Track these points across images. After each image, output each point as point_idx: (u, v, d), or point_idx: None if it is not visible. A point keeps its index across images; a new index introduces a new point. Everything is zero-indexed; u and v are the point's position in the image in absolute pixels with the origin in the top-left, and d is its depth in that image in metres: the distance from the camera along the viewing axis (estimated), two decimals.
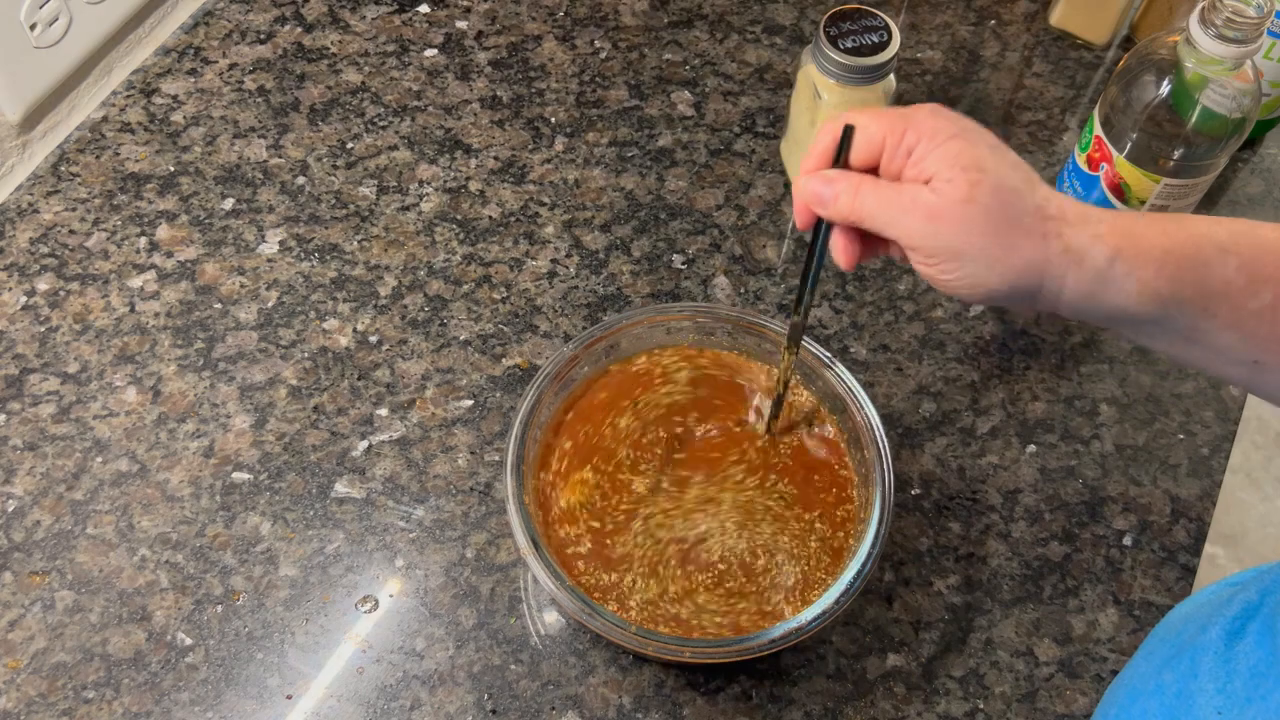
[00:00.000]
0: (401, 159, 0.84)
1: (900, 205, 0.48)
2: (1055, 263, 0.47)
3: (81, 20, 0.80)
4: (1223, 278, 0.48)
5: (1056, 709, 0.64)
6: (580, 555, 0.61)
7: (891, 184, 0.49)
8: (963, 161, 0.47)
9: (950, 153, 0.47)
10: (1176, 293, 0.48)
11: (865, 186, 0.49)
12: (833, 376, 0.65)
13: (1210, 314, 0.48)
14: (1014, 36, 0.94)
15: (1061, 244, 0.47)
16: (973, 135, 0.48)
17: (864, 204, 0.49)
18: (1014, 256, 0.47)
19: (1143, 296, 0.48)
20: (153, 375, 0.73)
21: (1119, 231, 0.48)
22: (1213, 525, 0.72)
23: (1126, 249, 0.48)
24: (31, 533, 0.67)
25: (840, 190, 0.50)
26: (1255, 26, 0.63)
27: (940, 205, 0.47)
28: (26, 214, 0.79)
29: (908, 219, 0.48)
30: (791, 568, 0.61)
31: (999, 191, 0.47)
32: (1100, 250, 0.47)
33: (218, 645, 0.64)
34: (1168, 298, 0.48)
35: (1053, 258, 0.47)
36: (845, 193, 0.50)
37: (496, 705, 0.63)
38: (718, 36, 0.92)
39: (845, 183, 0.50)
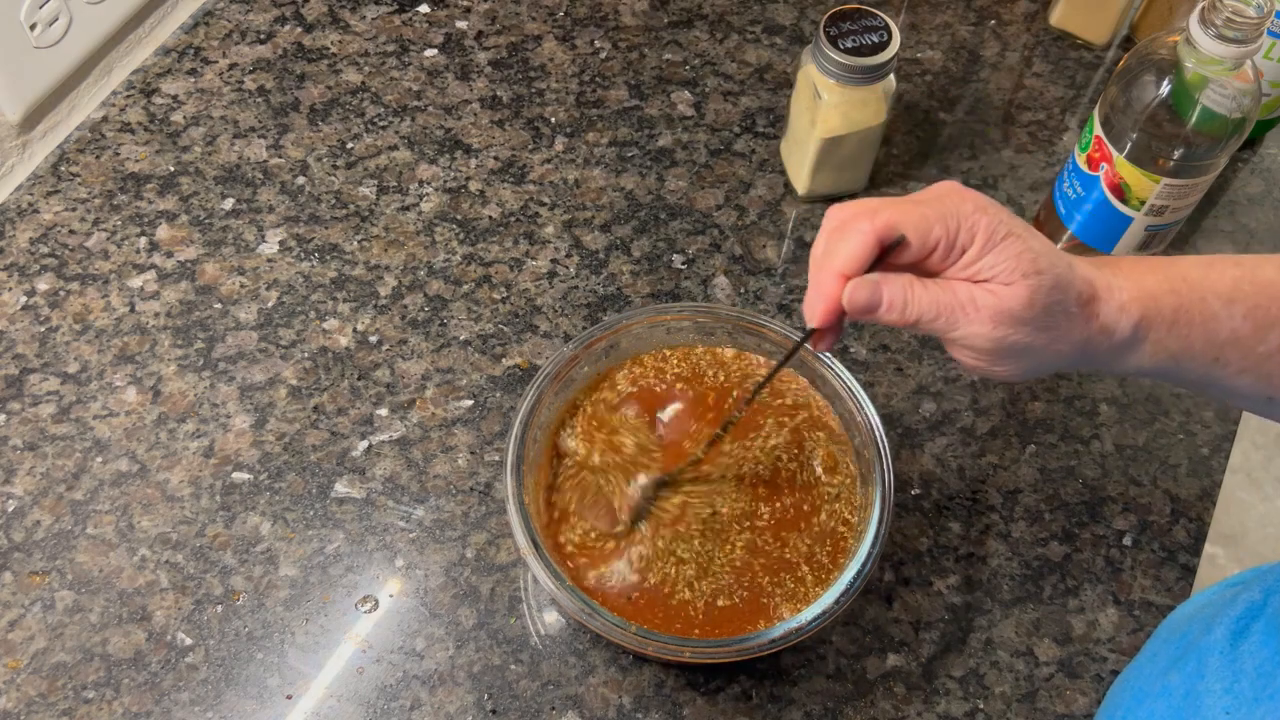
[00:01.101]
0: (401, 159, 0.84)
1: (961, 309, 0.48)
2: (1093, 340, 0.50)
3: (81, 20, 0.80)
4: (1230, 328, 0.50)
5: (1056, 709, 0.64)
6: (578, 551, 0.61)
7: (942, 285, 0.48)
8: (1023, 265, 0.47)
9: (1010, 255, 0.47)
10: (1187, 348, 0.50)
11: (917, 290, 0.48)
12: (832, 376, 0.65)
13: (1222, 363, 0.51)
14: (1014, 36, 0.94)
15: (1098, 324, 0.49)
16: (1019, 228, 0.48)
17: (920, 309, 0.48)
18: (1063, 344, 0.49)
19: (1156, 356, 0.50)
20: (153, 375, 0.73)
21: (1138, 297, 0.50)
22: (1213, 525, 0.72)
23: (1145, 315, 0.50)
24: (31, 533, 0.67)
25: (893, 296, 0.48)
26: (1255, 26, 0.63)
27: (1004, 309, 0.47)
28: (26, 214, 0.79)
29: (971, 324, 0.48)
30: (791, 567, 0.61)
31: (1054, 290, 0.48)
32: (1125, 322, 0.50)
33: (218, 645, 0.64)
34: (1179, 353, 0.50)
35: (1092, 336, 0.50)
36: (897, 298, 0.48)
37: (496, 705, 0.63)
38: (718, 36, 0.92)
39: (894, 288, 0.48)
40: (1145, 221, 0.74)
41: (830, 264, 0.48)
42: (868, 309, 0.48)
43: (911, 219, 0.47)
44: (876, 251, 0.48)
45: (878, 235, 0.47)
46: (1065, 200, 0.78)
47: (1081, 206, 0.76)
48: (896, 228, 0.47)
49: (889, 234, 0.47)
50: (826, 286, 0.48)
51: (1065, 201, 0.78)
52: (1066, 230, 0.79)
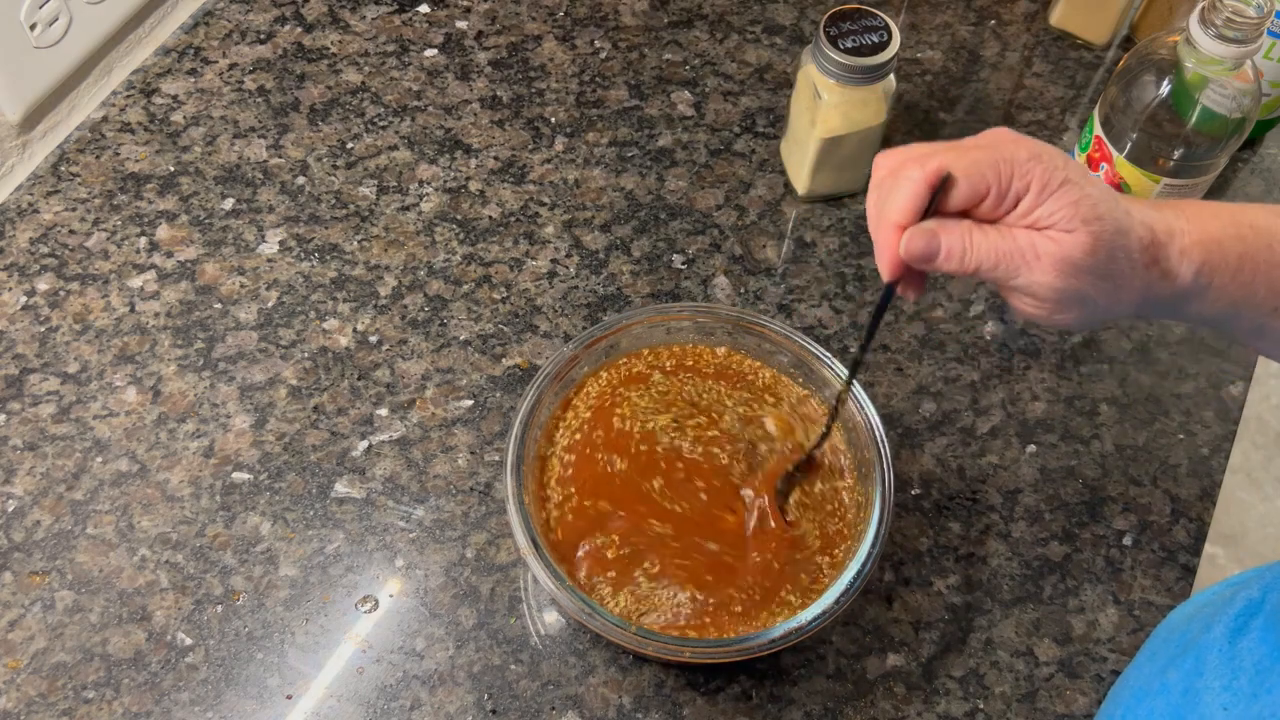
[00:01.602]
0: (401, 159, 0.84)
1: (1022, 257, 0.47)
2: (1154, 287, 0.48)
3: (81, 20, 0.80)
4: None
5: (1056, 709, 0.64)
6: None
7: (1001, 231, 0.47)
8: (1083, 212, 0.46)
9: (1068, 201, 0.46)
10: (1249, 296, 0.49)
11: (976, 237, 0.47)
12: (832, 376, 0.65)
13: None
14: (1014, 36, 0.94)
15: (1159, 270, 0.48)
16: (1075, 174, 0.47)
17: (980, 257, 0.47)
18: (1126, 292, 0.48)
19: (1217, 303, 0.49)
20: (153, 375, 0.73)
21: (1200, 241, 0.48)
22: (1213, 525, 0.72)
23: (1208, 260, 0.48)
24: (31, 533, 0.67)
25: (950, 245, 0.47)
26: (1255, 26, 0.63)
27: (1066, 256, 0.46)
28: (26, 214, 0.79)
29: (1033, 272, 0.47)
30: (791, 567, 0.61)
31: (1116, 235, 0.47)
32: (1188, 267, 0.48)
33: (218, 645, 0.64)
34: (1240, 301, 0.49)
35: (1153, 283, 0.48)
36: (955, 246, 0.47)
37: (496, 705, 0.63)
38: (718, 36, 0.92)
39: (953, 236, 0.47)
40: None
41: (885, 218, 0.47)
42: (925, 258, 0.47)
43: (963, 164, 0.46)
44: (928, 197, 0.47)
45: (928, 181, 0.46)
46: None
47: None
48: (946, 170, 0.46)
49: (939, 176, 0.46)
50: (885, 240, 0.47)
51: None
52: None
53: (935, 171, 0.46)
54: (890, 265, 0.48)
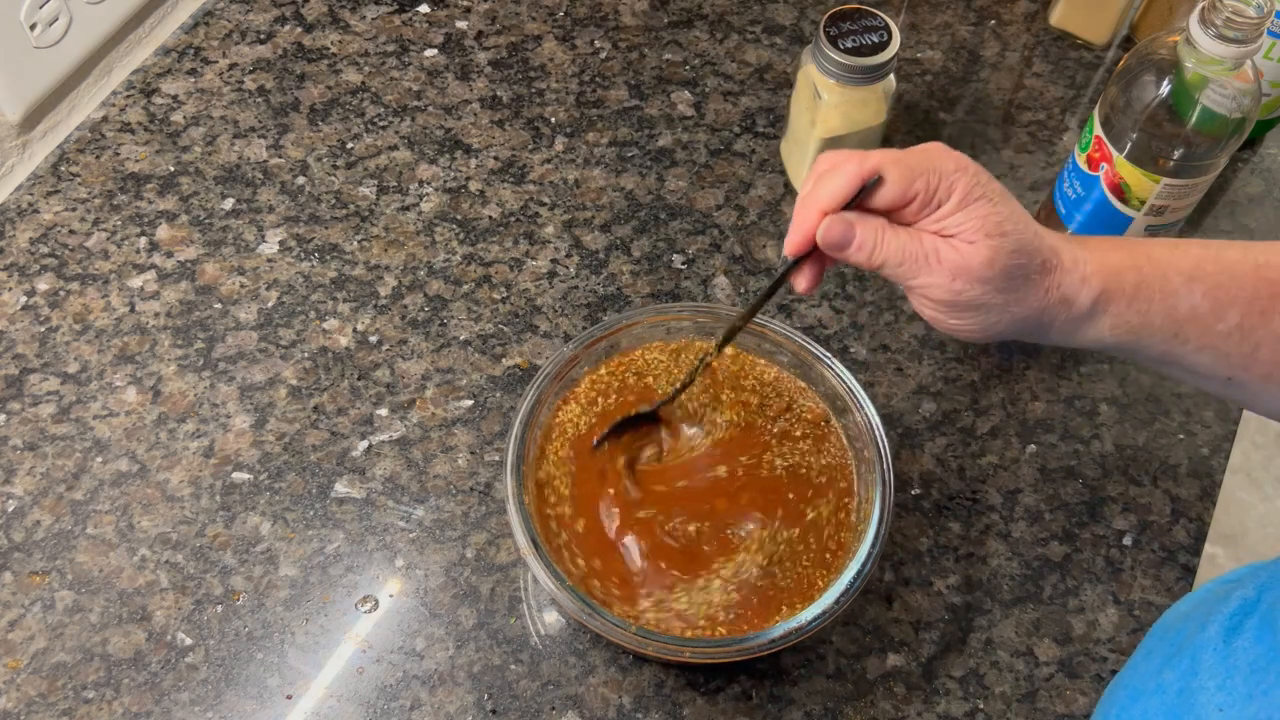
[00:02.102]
0: (401, 159, 0.84)
1: (924, 259, 0.50)
2: (1051, 309, 0.52)
3: (81, 20, 0.80)
4: (1189, 305, 0.52)
5: (1056, 709, 0.64)
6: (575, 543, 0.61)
7: (910, 233, 0.51)
8: (988, 226, 0.50)
9: (977, 215, 0.50)
10: (1146, 324, 0.52)
11: (887, 235, 0.51)
12: (832, 376, 0.65)
13: (1181, 339, 0.53)
14: (1014, 36, 0.94)
15: (1058, 294, 0.52)
16: (994, 193, 0.50)
17: (887, 253, 0.51)
18: (1020, 307, 0.52)
19: (1116, 330, 0.53)
20: (153, 375, 0.73)
21: (1099, 271, 0.52)
22: (1213, 525, 0.72)
23: (1107, 288, 0.52)
24: (31, 533, 0.67)
25: (864, 237, 0.51)
26: (1255, 26, 0.63)
27: (964, 265, 0.50)
28: (26, 214, 0.79)
29: (931, 274, 0.51)
30: (791, 567, 0.61)
31: (1016, 253, 0.50)
32: (1086, 294, 0.52)
33: (218, 645, 0.64)
34: (1139, 328, 0.53)
35: (1050, 305, 0.52)
36: (867, 240, 0.51)
37: (496, 705, 0.63)
38: (718, 36, 0.92)
39: (867, 229, 0.51)
40: (1145, 221, 0.74)
41: (812, 199, 0.51)
42: (839, 245, 0.51)
43: (899, 168, 0.50)
44: (857, 189, 0.50)
45: (861, 175, 0.50)
46: (1065, 200, 0.78)
47: (1081, 206, 0.76)
48: (879, 170, 0.50)
49: (872, 175, 0.50)
50: (804, 219, 0.51)
51: (1065, 201, 0.78)
52: (1067, 230, 0.79)
53: (871, 168, 0.50)
54: (800, 243, 0.52)
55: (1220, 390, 0.55)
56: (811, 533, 0.62)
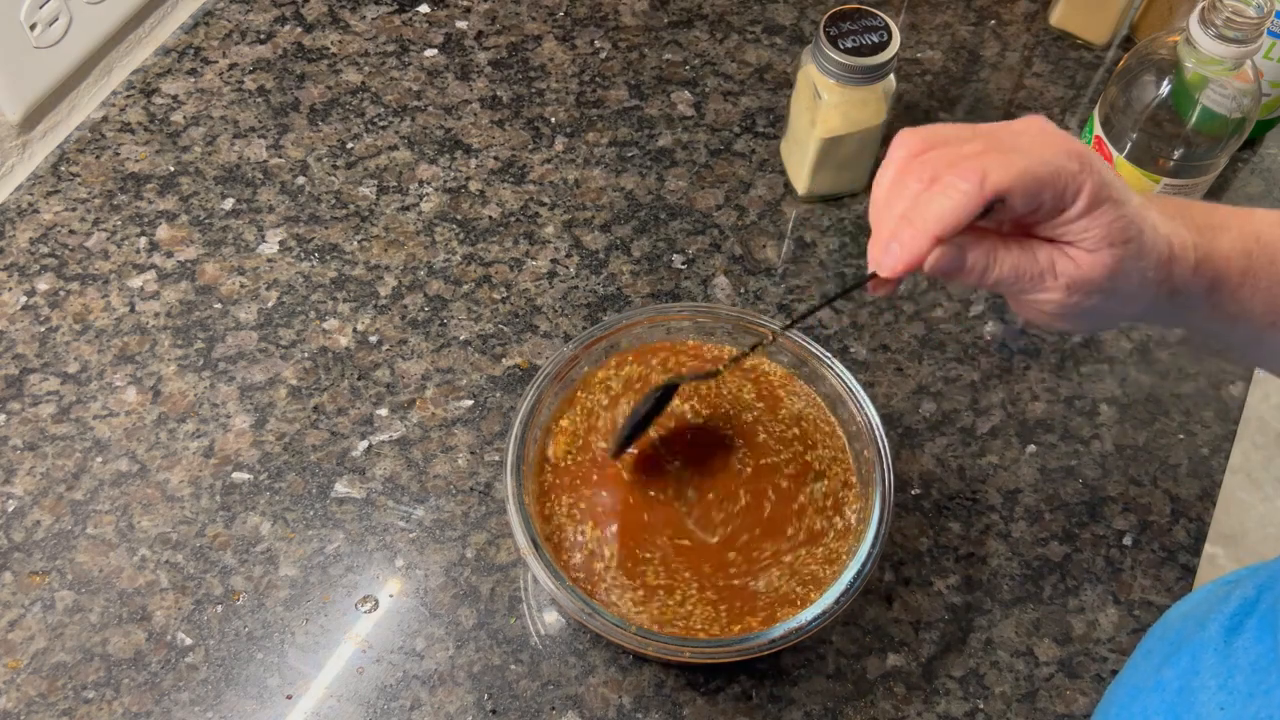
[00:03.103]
0: (401, 159, 0.84)
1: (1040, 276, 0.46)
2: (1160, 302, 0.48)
3: (81, 20, 0.80)
4: None
5: (1056, 709, 0.64)
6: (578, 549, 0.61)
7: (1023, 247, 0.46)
8: (1113, 234, 0.45)
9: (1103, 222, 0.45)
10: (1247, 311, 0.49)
11: (1000, 254, 0.46)
12: (832, 376, 0.65)
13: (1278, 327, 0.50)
14: (1014, 36, 0.94)
15: (1169, 286, 0.48)
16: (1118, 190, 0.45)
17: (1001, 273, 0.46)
18: (1132, 306, 0.48)
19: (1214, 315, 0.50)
20: (153, 375, 0.73)
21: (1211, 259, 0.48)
22: (1213, 525, 0.72)
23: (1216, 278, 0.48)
24: (31, 533, 0.67)
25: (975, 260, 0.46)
26: (1255, 26, 0.63)
27: (1084, 278, 0.46)
28: (26, 214, 0.79)
29: (1046, 291, 0.46)
30: (791, 567, 0.61)
31: (1137, 259, 0.46)
32: (1198, 285, 0.48)
33: (218, 645, 0.64)
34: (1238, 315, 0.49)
35: (1160, 297, 0.48)
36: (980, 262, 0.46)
37: (496, 705, 0.63)
38: (718, 36, 0.92)
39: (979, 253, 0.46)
40: None
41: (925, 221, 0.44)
42: (951, 272, 0.46)
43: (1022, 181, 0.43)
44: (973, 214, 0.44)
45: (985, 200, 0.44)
46: None
47: None
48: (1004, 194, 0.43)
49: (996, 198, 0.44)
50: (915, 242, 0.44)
51: None
52: None
53: (994, 191, 0.43)
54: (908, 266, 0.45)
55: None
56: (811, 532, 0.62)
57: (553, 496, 0.63)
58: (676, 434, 0.65)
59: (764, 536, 0.62)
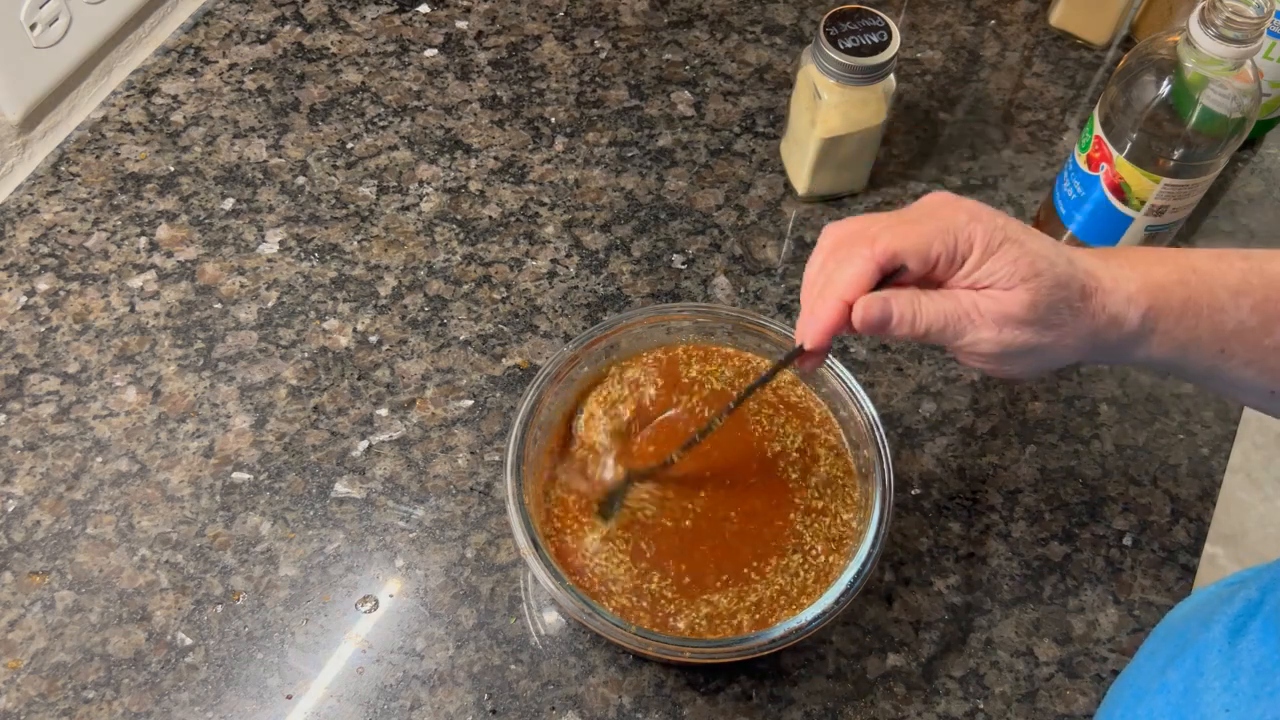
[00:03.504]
0: (401, 159, 0.84)
1: (966, 317, 0.49)
2: (1101, 332, 0.50)
3: (81, 20, 0.80)
4: (1237, 320, 0.50)
5: (1056, 709, 0.64)
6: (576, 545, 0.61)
7: (945, 294, 0.50)
8: (1021, 269, 0.48)
9: (1008, 260, 0.48)
10: (1194, 340, 0.51)
11: (924, 301, 0.49)
12: (832, 376, 0.65)
13: (1228, 354, 0.51)
14: (1014, 36, 0.94)
15: (1106, 315, 0.50)
16: (1015, 232, 0.49)
17: (928, 320, 0.49)
18: (1071, 339, 0.50)
19: (1163, 347, 0.51)
20: (153, 375, 0.73)
21: (1146, 287, 0.50)
22: (1213, 525, 0.72)
23: (1154, 305, 0.50)
24: (31, 533, 0.67)
25: (901, 310, 0.49)
26: (1255, 26, 0.63)
27: (1006, 313, 0.48)
28: (26, 214, 0.79)
29: (976, 331, 0.49)
30: (791, 567, 0.61)
31: (1055, 289, 0.49)
32: (1134, 312, 0.50)
33: (218, 645, 0.64)
34: (1186, 344, 0.51)
35: (1099, 329, 0.50)
36: (906, 312, 0.49)
37: (496, 705, 0.63)
38: (718, 36, 0.92)
39: (902, 302, 0.49)
40: (1145, 221, 0.74)
41: (831, 290, 0.50)
42: (880, 324, 0.49)
43: (910, 242, 0.49)
44: (878, 279, 0.49)
45: (879, 264, 0.49)
46: (1065, 200, 0.78)
47: (1081, 206, 0.76)
48: (898, 256, 0.49)
49: (890, 263, 0.49)
50: (825, 311, 0.50)
51: (1065, 201, 0.78)
52: (1067, 230, 0.79)
53: (884, 253, 0.49)
54: (823, 336, 0.50)
55: (1263, 404, 0.54)
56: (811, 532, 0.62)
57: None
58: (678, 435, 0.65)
59: (763, 536, 0.62)
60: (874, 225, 0.50)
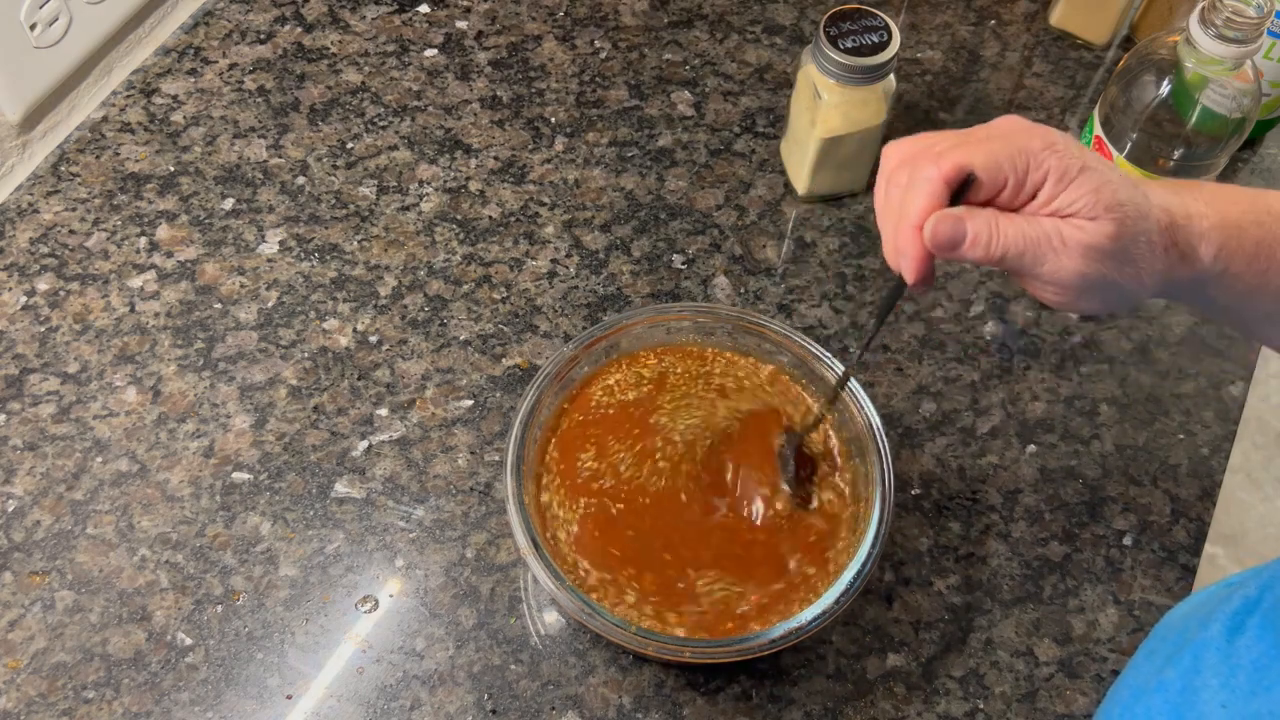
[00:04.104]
0: (401, 159, 0.84)
1: (1049, 243, 0.46)
2: (1175, 270, 0.49)
3: (81, 20, 0.80)
4: None
5: (1056, 709, 0.64)
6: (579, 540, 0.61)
7: (1027, 219, 0.47)
8: (1104, 198, 0.46)
9: (1089, 188, 0.46)
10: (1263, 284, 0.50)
11: (1003, 223, 0.46)
12: (832, 376, 0.65)
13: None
14: (1014, 36, 0.94)
15: (1178, 251, 0.48)
16: (1093, 161, 0.47)
17: (1006, 243, 0.46)
18: (1148, 276, 0.48)
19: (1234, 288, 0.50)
20: (153, 375, 0.73)
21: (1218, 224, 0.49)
22: (1213, 525, 0.72)
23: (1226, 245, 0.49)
24: (31, 533, 0.67)
25: (977, 230, 0.46)
26: (1255, 26, 0.63)
27: (1091, 243, 0.46)
28: (26, 214, 0.79)
29: (1060, 258, 0.47)
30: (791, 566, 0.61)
31: (1139, 220, 0.47)
32: (1207, 250, 0.49)
33: (218, 645, 0.64)
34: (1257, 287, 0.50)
35: (1174, 266, 0.49)
36: (982, 232, 0.46)
37: (496, 705, 0.63)
38: (718, 36, 0.92)
39: (979, 222, 0.46)
40: None
41: (905, 220, 0.47)
42: (951, 244, 0.46)
43: (979, 157, 0.46)
44: (948, 197, 0.46)
45: (946, 181, 0.46)
46: None
47: None
48: (964, 168, 0.46)
49: (958, 176, 0.46)
50: (907, 243, 0.47)
51: None
52: None
53: (953, 168, 0.46)
54: (916, 267, 0.47)
55: None
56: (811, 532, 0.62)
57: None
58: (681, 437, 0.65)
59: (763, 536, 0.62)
60: (940, 142, 0.47)
